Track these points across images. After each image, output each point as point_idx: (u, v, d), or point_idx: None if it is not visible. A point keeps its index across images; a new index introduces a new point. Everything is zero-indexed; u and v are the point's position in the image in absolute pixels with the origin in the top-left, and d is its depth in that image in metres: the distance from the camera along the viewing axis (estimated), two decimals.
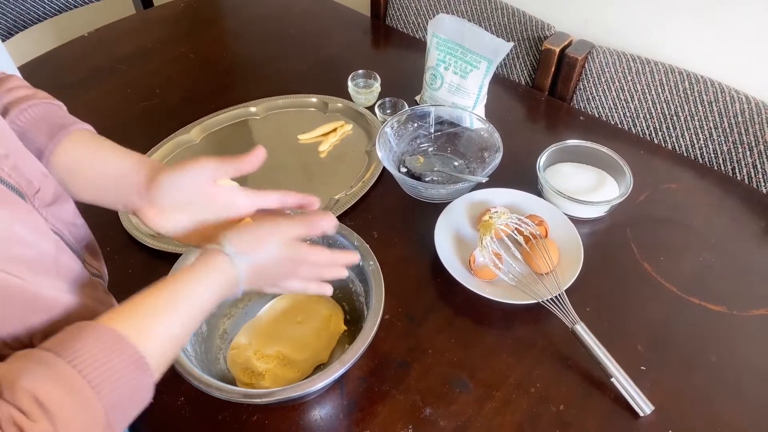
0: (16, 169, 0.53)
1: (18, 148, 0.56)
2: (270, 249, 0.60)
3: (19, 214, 0.52)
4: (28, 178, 0.55)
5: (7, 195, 0.51)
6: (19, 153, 0.56)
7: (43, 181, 0.57)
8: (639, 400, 0.75)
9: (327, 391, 0.78)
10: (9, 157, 0.53)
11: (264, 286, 0.64)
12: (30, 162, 0.57)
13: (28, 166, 0.56)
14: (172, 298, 0.54)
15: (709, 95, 1.14)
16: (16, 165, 0.54)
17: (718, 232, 0.98)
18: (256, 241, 0.60)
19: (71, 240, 0.61)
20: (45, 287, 0.53)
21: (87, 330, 0.47)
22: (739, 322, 0.86)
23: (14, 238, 0.50)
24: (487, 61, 1.07)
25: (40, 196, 0.56)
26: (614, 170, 1.03)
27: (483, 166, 1.04)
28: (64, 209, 0.61)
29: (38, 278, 0.52)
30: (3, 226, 0.49)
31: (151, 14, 1.66)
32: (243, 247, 0.59)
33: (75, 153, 0.63)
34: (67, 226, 0.61)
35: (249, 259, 0.59)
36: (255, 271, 0.60)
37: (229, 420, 0.75)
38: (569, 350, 0.82)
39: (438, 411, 0.76)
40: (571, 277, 0.87)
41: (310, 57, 1.40)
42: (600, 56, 1.23)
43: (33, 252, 0.52)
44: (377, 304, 0.73)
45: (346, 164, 1.11)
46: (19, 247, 0.50)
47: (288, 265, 0.63)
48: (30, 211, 0.54)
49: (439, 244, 0.92)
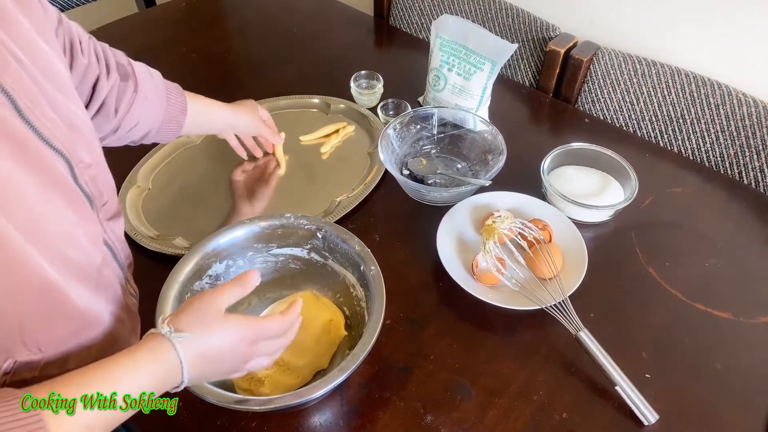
0: (93, 180, 0.58)
1: (100, 160, 0.62)
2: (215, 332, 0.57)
3: (84, 221, 0.56)
4: (100, 190, 0.60)
5: (81, 201, 0.56)
6: (100, 165, 0.61)
7: (111, 195, 0.63)
8: (643, 409, 0.74)
9: (327, 398, 0.77)
10: (91, 167, 0.58)
11: (222, 371, 0.60)
12: (106, 176, 0.63)
13: (103, 179, 0.61)
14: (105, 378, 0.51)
15: (716, 98, 1.12)
16: (95, 176, 0.59)
17: (725, 237, 0.97)
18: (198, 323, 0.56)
19: (120, 255, 0.65)
20: (81, 295, 0.55)
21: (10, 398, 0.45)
22: (745, 329, 0.85)
23: (75, 241, 0.54)
24: (491, 62, 1.06)
25: (106, 209, 0.61)
26: (619, 174, 1.01)
27: (486, 168, 1.03)
28: (119, 226, 0.65)
29: (79, 285, 0.55)
30: (69, 228, 0.53)
31: (154, 13, 1.65)
32: (183, 327, 0.55)
33: (195, 103, 0.93)
34: (119, 241, 0.65)
35: (188, 338, 0.55)
36: (200, 353, 0.56)
37: (227, 426, 0.74)
38: (573, 357, 0.81)
39: (439, 418, 0.75)
40: (575, 282, 0.86)
41: (313, 57, 1.39)
42: (605, 58, 1.22)
43: (85, 258, 0.56)
44: (378, 310, 0.72)
45: (348, 166, 1.10)
46: (75, 250, 0.54)
47: (243, 346, 0.59)
48: (94, 220, 0.58)
49: (442, 248, 0.91)
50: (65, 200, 0.53)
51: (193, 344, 0.55)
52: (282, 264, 0.86)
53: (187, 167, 1.09)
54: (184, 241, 0.95)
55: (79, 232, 0.54)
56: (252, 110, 1.03)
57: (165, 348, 0.54)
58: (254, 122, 1.03)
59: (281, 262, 0.85)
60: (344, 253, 0.80)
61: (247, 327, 0.59)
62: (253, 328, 0.60)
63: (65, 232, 0.53)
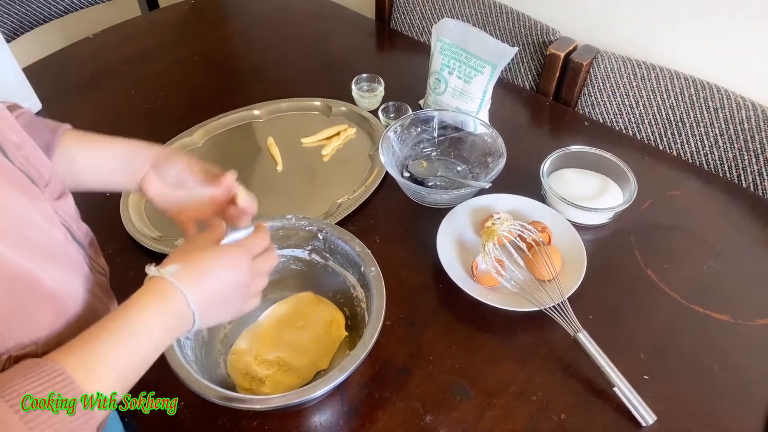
0: (27, 160, 0.55)
1: (28, 141, 0.58)
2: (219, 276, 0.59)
3: (34, 201, 0.53)
4: (38, 169, 0.57)
5: (25, 182, 0.53)
6: (29, 145, 0.58)
7: (51, 174, 0.59)
8: (641, 410, 0.74)
9: (327, 397, 0.78)
10: (21, 147, 0.55)
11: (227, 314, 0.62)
12: (39, 155, 0.59)
13: (37, 158, 0.58)
14: (121, 334, 0.52)
15: (715, 102, 1.13)
16: (27, 156, 0.56)
17: (723, 239, 0.98)
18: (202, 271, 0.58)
19: (78, 234, 0.62)
20: (53, 277, 0.53)
21: (32, 367, 0.46)
22: (743, 332, 0.85)
23: (31, 222, 0.52)
24: (491, 65, 1.07)
25: (50, 189, 0.58)
26: (618, 176, 1.02)
27: (486, 171, 1.03)
28: (68, 204, 0.63)
29: (48, 265, 0.53)
30: (21, 209, 0.51)
31: (156, 16, 1.66)
32: (189, 278, 0.56)
33: (79, 142, 0.69)
34: (73, 220, 0.62)
35: (197, 291, 0.56)
36: (208, 302, 0.57)
37: (228, 425, 0.75)
38: (571, 358, 0.81)
39: (438, 418, 0.76)
40: (573, 284, 0.86)
41: (314, 60, 1.39)
42: (605, 61, 1.23)
43: (46, 237, 0.54)
44: (378, 311, 0.72)
45: (349, 168, 1.10)
46: (34, 231, 0.52)
47: (242, 288, 0.61)
48: (42, 199, 0.56)
49: (442, 249, 0.91)
50: (7, 182, 0.51)
51: (197, 284, 0.56)
52: (283, 265, 0.86)
53: None
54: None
55: (33, 213, 0.52)
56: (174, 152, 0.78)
57: (171, 294, 0.55)
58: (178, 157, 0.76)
59: (282, 263, 0.86)
60: (345, 254, 0.81)
61: (237, 249, 0.62)
62: (242, 248, 0.62)
63: (19, 214, 0.51)
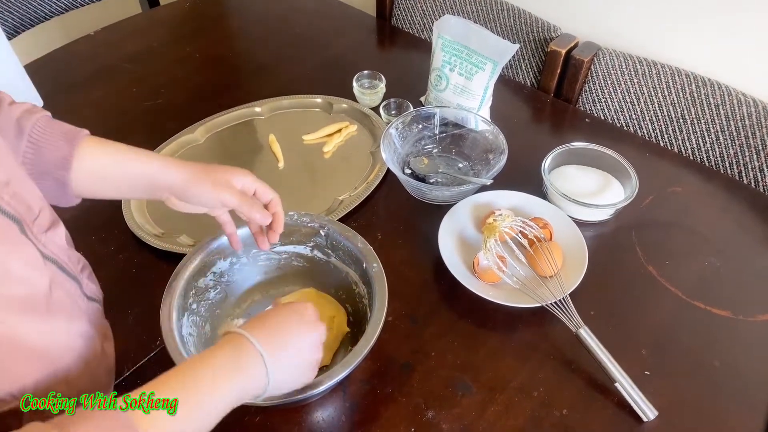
0: (15, 196, 0.51)
1: (17, 172, 0.54)
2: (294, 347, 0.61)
3: (16, 248, 0.49)
4: (28, 203, 0.53)
5: (6, 227, 0.48)
6: (19, 178, 0.54)
7: (42, 205, 0.56)
8: (643, 406, 0.75)
9: (330, 393, 0.78)
10: (9, 183, 0.51)
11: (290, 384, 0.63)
12: (29, 187, 0.55)
13: (27, 190, 0.54)
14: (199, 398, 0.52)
15: (716, 98, 1.13)
16: (16, 192, 0.51)
17: (724, 236, 0.98)
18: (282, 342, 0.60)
19: (68, 264, 0.59)
20: (36, 329, 0.51)
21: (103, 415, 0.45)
22: (744, 327, 0.85)
23: (9, 275, 0.47)
24: (492, 62, 1.07)
25: (39, 222, 0.54)
26: (619, 173, 1.02)
27: (488, 168, 1.04)
28: (59, 233, 0.59)
29: (29, 319, 0.50)
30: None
31: (157, 13, 1.66)
32: (270, 348, 0.58)
33: (98, 156, 0.66)
34: (63, 250, 0.59)
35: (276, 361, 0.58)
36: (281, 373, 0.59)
37: (231, 421, 0.74)
38: (573, 354, 0.82)
39: (440, 414, 0.76)
40: (575, 280, 0.86)
41: (315, 57, 1.40)
42: (606, 58, 1.23)
43: (25, 289, 0.50)
44: (380, 307, 0.73)
45: (351, 165, 1.11)
46: (12, 285, 0.48)
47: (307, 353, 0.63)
48: (26, 243, 0.51)
49: (443, 246, 0.92)
50: None
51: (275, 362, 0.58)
52: (285, 261, 0.86)
53: None
54: (189, 238, 0.96)
55: (12, 263, 0.48)
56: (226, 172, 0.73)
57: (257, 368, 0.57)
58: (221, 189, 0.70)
59: (284, 259, 0.86)
60: (347, 250, 0.81)
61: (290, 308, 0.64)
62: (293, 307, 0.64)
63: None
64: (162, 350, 0.81)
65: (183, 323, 0.73)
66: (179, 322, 0.72)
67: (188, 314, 0.75)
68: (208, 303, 0.80)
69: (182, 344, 0.70)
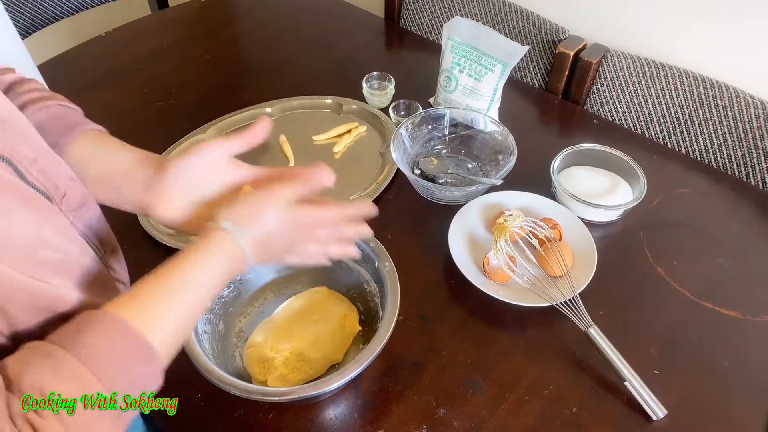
0: (44, 173, 0.53)
1: (45, 151, 0.56)
2: (270, 217, 0.58)
3: (48, 217, 0.52)
4: (55, 182, 0.55)
5: (36, 198, 0.51)
6: (47, 157, 0.56)
7: (69, 185, 0.57)
8: (652, 404, 0.75)
9: (342, 391, 0.79)
10: (37, 161, 0.53)
11: (279, 256, 0.63)
12: (57, 166, 0.57)
13: (55, 170, 0.56)
14: (177, 284, 0.53)
15: (724, 100, 1.14)
16: (44, 169, 0.53)
17: (732, 237, 0.98)
18: (252, 211, 0.58)
19: (96, 244, 0.61)
20: (68, 289, 0.53)
21: (94, 320, 0.47)
22: (752, 327, 0.86)
23: (42, 241, 0.50)
24: (501, 64, 1.08)
25: (67, 201, 0.56)
26: (628, 174, 1.03)
27: (497, 168, 1.04)
28: (90, 214, 0.61)
29: (62, 281, 0.53)
30: (32, 229, 0.49)
31: (168, 15, 1.68)
32: (241, 220, 0.57)
33: (83, 152, 0.63)
34: (92, 230, 0.61)
35: (250, 231, 0.57)
36: (261, 243, 0.58)
37: (245, 417, 0.76)
38: (583, 353, 0.82)
39: (451, 411, 0.77)
40: (584, 280, 0.87)
41: (325, 58, 1.41)
42: (614, 60, 1.23)
43: (59, 255, 0.53)
44: (392, 305, 0.73)
45: (361, 165, 1.11)
46: (47, 251, 0.51)
47: (297, 230, 0.61)
48: (57, 213, 0.54)
49: (453, 245, 0.92)
50: (20, 203, 0.48)
51: (249, 232, 0.57)
52: None
53: None
54: None
55: (46, 231, 0.51)
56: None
57: (226, 241, 0.56)
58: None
59: None
60: (358, 249, 0.82)
61: (299, 209, 0.60)
62: (305, 211, 0.61)
63: (30, 236, 0.49)
64: None
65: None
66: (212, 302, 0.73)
67: None
68: (222, 301, 0.81)
69: (197, 341, 0.71)
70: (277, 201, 0.59)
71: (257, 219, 0.58)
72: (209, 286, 0.56)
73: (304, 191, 0.62)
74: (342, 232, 0.66)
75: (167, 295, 0.52)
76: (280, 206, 0.59)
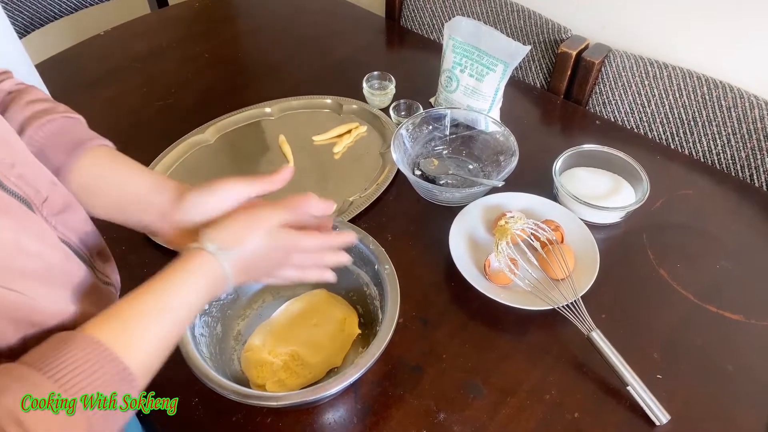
0: (22, 178, 0.52)
1: (24, 156, 0.55)
2: (254, 240, 0.58)
3: (26, 224, 0.50)
4: (35, 187, 0.53)
5: (13, 205, 0.49)
6: (26, 162, 0.54)
7: (52, 189, 0.56)
8: (655, 409, 0.74)
9: (341, 395, 0.78)
10: (15, 166, 0.52)
11: (256, 278, 0.63)
12: (37, 171, 0.56)
13: (35, 174, 0.55)
14: (158, 305, 0.52)
15: (728, 101, 1.12)
16: (22, 174, 0.52)
17: (736, 239, 0.97)
18: (239, 235, 0.58)
19: (81, 248, 0.59)
20: (50, 300, 0.52)
21: (69, 342, 0.46)
22: (756, 331, 0.85)
23: (19, 249, 0.49)
24: (503, 64, 1.07)
25: (48, 205, 0.55)
26: (630, 175, 1.02)
27: (498, 169, 1.03)
28: (74, 217, 0.59)
29: (43, 290, 0.51)
30: (8, 237, 0.47)
31: (167, 14, 1.67)
32: (227, 243, 0.57)
33: (93, 171, 0.63)
34: (76, 234, 0.59)
35: (234, 254, 0.57)
36: (242, 265, 0.58)
37: (242, 422, 0.75)
38: (585, 357, 0.81)
39: (452, 416, 0.76)
40: (587, 283, 0.86)
41: (325, 58, 1.40)
42: (617, 60, 1.22)
43: (39, 263, 0.51)
44: (392, 309, 0.73)
45: (361, 166, 1.11)
46: (25, 259, 0.49)
47: (278, 254, 0.61)
48: (37, 220, 0.52)
49: (454, 248, 0.91)
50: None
51: (233, 255, 0.57)
52: None
53: (201, 166, 1.10)
54: None
55: (23, 238, 0.49)
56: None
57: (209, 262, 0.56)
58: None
59: None
60: (358, 251, 0.81)
61: (282, 234, 0.60)
62: (288, 237, 0.61)
63: (5, 244, 0.47)
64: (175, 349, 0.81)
65: (195, 323, 0.73)
66: (192, 322, 0.72)
67: (200, 314, 0.75)
68: (220, 304, 0.81)
69: (195, 344, 0.70)
70: (266, 226, 0.59)
71: (242, 242, 0.58)
72: (190, 306, 0.55)
73: (291, 218, 0.62)
74: (322, 259, 0.66)
75: (147, 315, 0.51)
76: (267, 231, 0.59)
